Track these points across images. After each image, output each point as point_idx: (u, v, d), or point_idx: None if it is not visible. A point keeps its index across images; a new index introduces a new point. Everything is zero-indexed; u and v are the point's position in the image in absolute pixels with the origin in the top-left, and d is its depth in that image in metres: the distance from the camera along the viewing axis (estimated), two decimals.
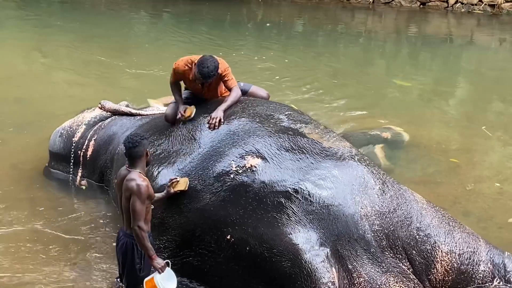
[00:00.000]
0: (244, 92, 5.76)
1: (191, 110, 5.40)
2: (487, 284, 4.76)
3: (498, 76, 11.42)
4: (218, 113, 5.20)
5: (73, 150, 6.55)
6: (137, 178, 4.43)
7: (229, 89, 5.49)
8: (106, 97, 7.09)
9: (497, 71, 11.85)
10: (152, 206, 4.64)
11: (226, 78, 5.45)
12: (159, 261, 4.48)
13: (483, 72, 11.91)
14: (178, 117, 5.46)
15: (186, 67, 5.51)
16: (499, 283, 4.77)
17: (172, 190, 4.87)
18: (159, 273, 4.44)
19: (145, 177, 4.52)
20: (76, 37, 13.01)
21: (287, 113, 5.33)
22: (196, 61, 5.34)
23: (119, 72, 10.51)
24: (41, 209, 6.14)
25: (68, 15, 15.53)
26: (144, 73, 10.52)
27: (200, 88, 5.58)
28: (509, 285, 4.77)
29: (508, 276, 4.79)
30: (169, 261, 4.55)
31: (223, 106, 5.27)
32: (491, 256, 4.84)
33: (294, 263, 4.37)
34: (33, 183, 6.64)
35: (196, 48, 12.36)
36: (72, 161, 6.56)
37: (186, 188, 4.84)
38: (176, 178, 4.90)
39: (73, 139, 6.58)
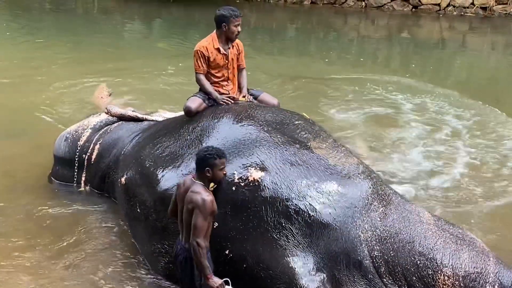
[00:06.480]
0: (254, 99, 5.78)
1: None
2: None
3: (491, 78, 11.48)
4: (245, 91, 5.76)
5: (77, 153, 6.46)
6: (203, 192, 4.29)
7: (239, 67, 5.75)
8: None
9: (490, 74, 11.91)
10: (216, 224, 4.46)
11: (242, 55, 5.78)
12: (215, 280, 4.26)
13: (475, 74, 11.96)
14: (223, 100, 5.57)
15: (207, 42, 5.54)
16: None
17: None
18: None
19: (210, 191, 4.36)
20: (70, 44, 13.00)
21: (296, 122, 5.25)
22: (214, 32, 5.55)
23: (114, 79, 10.43)
24: (35, 216, 6.09)
25: (60, 22, 15.51)
26: (140, 79, 10.48)
27: (224, 62, 5.59)
28: None
29: None
30: (228, 279, 4.34)
31: (245, 88, 5.77)
32: (500, 278, 4.54)
33: (290, 287, 4.33)
34: (26, 190, 6.56)
35: (189, 52, 12.34)
36: (77, 164, 6.47)
37: None
38: None
39: (79, 143, 6.50)
